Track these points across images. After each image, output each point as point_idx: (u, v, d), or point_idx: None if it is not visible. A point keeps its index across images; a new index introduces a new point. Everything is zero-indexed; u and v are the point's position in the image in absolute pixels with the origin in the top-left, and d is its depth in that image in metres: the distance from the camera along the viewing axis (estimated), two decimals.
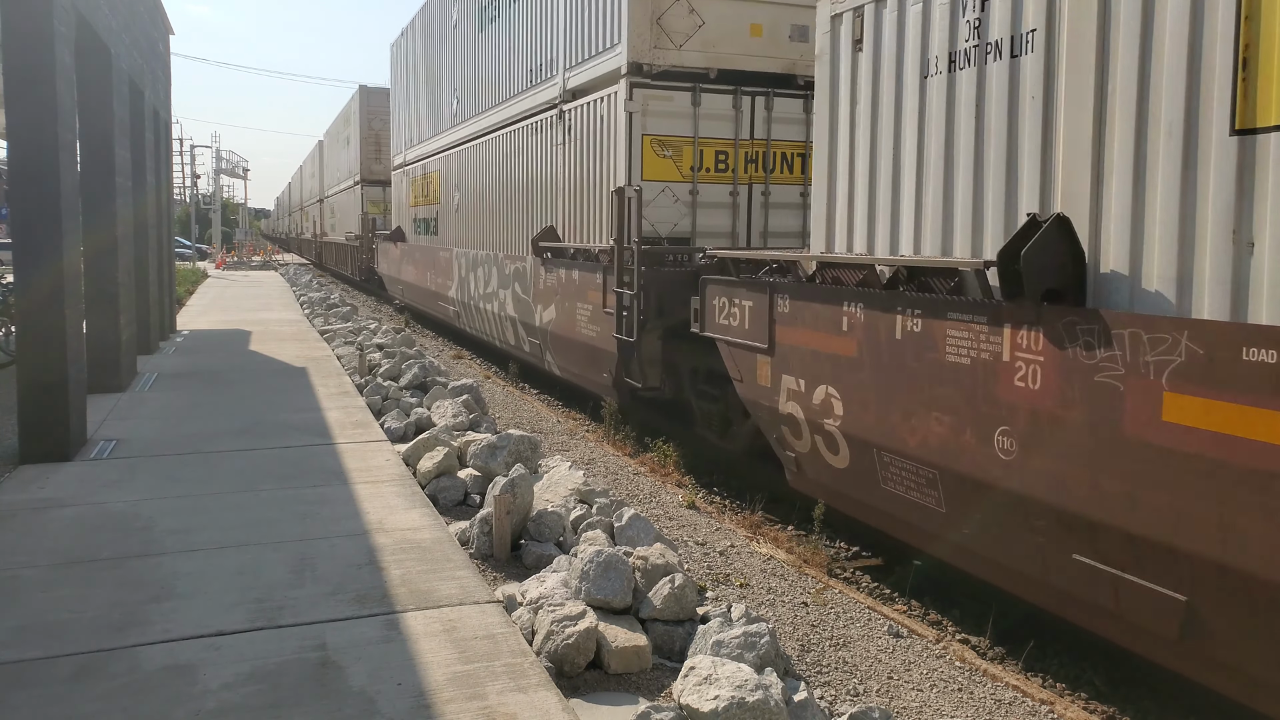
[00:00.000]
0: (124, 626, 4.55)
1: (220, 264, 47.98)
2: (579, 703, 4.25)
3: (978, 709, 4.76)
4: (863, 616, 5.78)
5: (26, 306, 7.65)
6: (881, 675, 5.06)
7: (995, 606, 6.07)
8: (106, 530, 5.99)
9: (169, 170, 18.08)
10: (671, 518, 7.60)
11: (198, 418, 9.54)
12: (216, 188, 62.76)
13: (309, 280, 35.76)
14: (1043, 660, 5.54)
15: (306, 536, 5.93)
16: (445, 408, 9.95)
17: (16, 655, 4.24)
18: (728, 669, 4.08)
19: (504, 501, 6.11)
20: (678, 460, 9.20)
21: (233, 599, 4.91)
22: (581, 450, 9.94)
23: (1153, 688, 5.22)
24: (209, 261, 51.96)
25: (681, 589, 5.02)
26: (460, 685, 4.05)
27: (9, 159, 7.57)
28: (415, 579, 5.26)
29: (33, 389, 7.69)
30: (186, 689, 3.96)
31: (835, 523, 7.40)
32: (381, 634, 4.54)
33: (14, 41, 7.46)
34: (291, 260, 62.39)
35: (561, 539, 6.33)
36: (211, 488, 7.00)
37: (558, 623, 4.61)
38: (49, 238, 7.62)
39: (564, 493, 7.01)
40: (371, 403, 10.61)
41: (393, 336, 16.82)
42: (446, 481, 7.43)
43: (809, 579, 6.39)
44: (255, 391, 11.11)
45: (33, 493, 6.82)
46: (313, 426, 9.18)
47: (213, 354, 14.46)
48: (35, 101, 7.52)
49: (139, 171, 13.26)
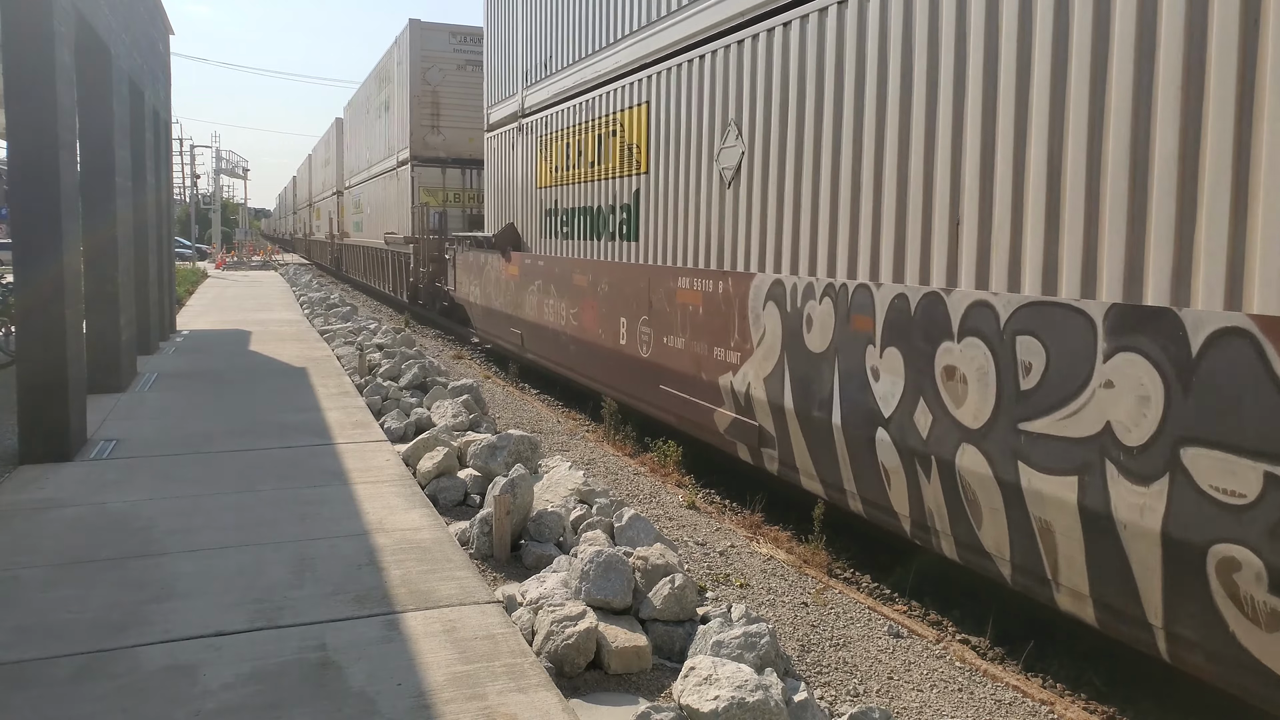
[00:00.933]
0: (124, 626, 4.55)
1: (220, 264, 47.98)
2: (579, 703, 4.25)
3: (978, 709, 4.76)
4: (863, 617, 5.78)
5: (26, 306, 7.65)
6: (881, 675, 5.06)
7: (995, 607, 6.07)
8: (106, 530, 5.99)
9: (169, 170, 18.08)
10: (671, 518, 7.60)
11: (198, 418, 9.54)
12: (216, 188, 62.76)
13: (309, 280, 35.75)
14: (1043, 660, 5.54)
15: (306, 537, 5.93)
16: (445, 408, 9.95)
17: (16, 655, 4.24)
18: (728, 669, 4.08)
19: (504, 502, 6.11)
20: (678, 460, 9.20)
21: (233, 599, 4.91)
22: (581, 450, 9.94)
23: (1153, 688, 5.22)
24: (209, 262, 51.97)
25: (681, 589, 5.02)
26: (460, 685, 4.05)
27: (9, 159, 7.57)
28: (415, 579, 5.26)
29: (33, 389, 7.68)
30: (186, 689, 3.96)
31: (836, 523, 7.40)
32: (381, 634, 4.53)
33: (14, 41, 7.46)
34: (292, 260, 62.35)
35: (561, 539, 6.33)
36: (211, 488, 7.00)
37: (558, 623, 4.61)
38: (49, 238, 7.62)
39: (564, 493, 7.01)
40: (371, 403, 10.61)
41: (393, 337, 16.81)
42: (446, 482, 7.43)
43: (809, 579, 6.39)
44: (255, 392, 11.11)
45: (32, 493, 6.82)
46: (313, 427, 9.17)
47: (213, 354, 14.46)
48: (35, 101, 7.52)
49: (139, 171, 13.26)
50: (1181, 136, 4.33)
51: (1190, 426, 4.15)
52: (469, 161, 23.52)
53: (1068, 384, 4.75)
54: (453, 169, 23.80)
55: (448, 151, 23.75)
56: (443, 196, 23.61)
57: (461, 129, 23.57)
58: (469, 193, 23.70)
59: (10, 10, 7.43)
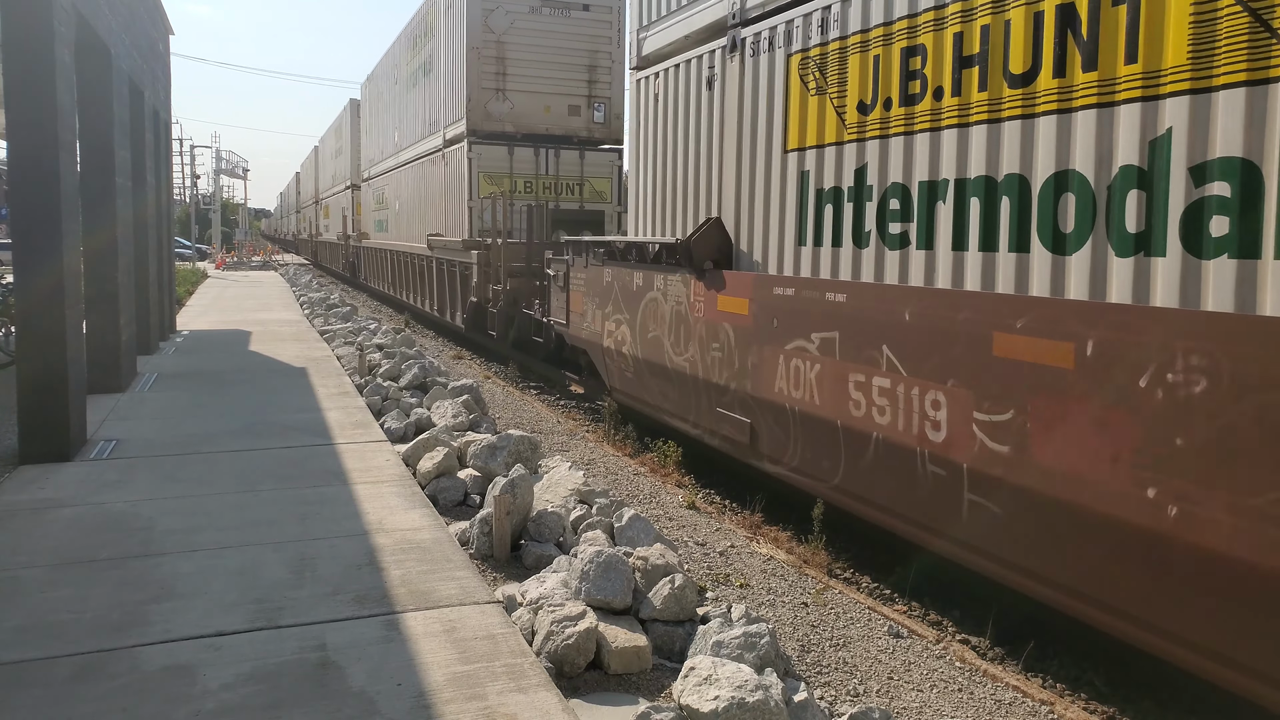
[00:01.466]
0: (124, 627, 4.55)
1: (220, 264, 48.00)
2: (579, 703, 4.25)
3: (978, 709, 4.76)
4: (863, 617, 5.78)
5: (26, 306, 7.65)
6: (881, 675, 5.06)
7: (995, 607, 6.06)
8: (106, 530, 5.99)
9: (169, 170, 18.08)
10: (671, 518, 7.60)
11: (198, 418, 9.54)
12: (216, 188, 62.75)
13: (309, 281, 35.74)
14: (1043, 660, 5.54)
15: (306, 537, 5.93)
16: (445, 408, 9.95)
17: (16, 655, 4.24)
18: (728, 669, 4.08)
19: (504, 502, 6.11)
20: (678, 460, 9.20)
21: (233, 599, 4.91)
22: (581, 450, 9.94)
23: (1153, 688, 5.22)
24: (209, 262, 51.97)
25: (681, 589, 5.02)
26: (460, 686, 4.05)
27: (9, 159, 7.57)
28: (415, 579, 5.25)
29: (33, 389, 7.68)
30: (186, 689, 3.95)
31: (836, 523, 7.39)
32: (381, 634, 4.53)
33: (14, 41, 7.46)
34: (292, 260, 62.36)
35: (561, 539, 6.33)
36: (211, 488, 7.00)
37: (558, 623, 4.61)
38: (49, 238, 7.62)
39: (564, 493, 7.01)
40: (371, 403, 10.61)
41: (392, 337, 16.81)
42: (446, 482, 7.43)
43: (809, 579, 6.39)
44: (255, 392, 11.10)
45: (32, 493, 6.82)
46: (313, 427, 9.17)
47: (213, 354, 14.46)
48: (35, 101, 7.52)
49: (139, 171, 13.26)
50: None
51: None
52: (545, 139, 17.98)
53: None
54: (523, 148, 17.78)
55: (516, 125, 17.75)
56: (509, 185, 17.56)
57: (536, 94, 17.79)
58: (544, 180, 17.84)
59: (10, 10, 7.43)
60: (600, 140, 18.54)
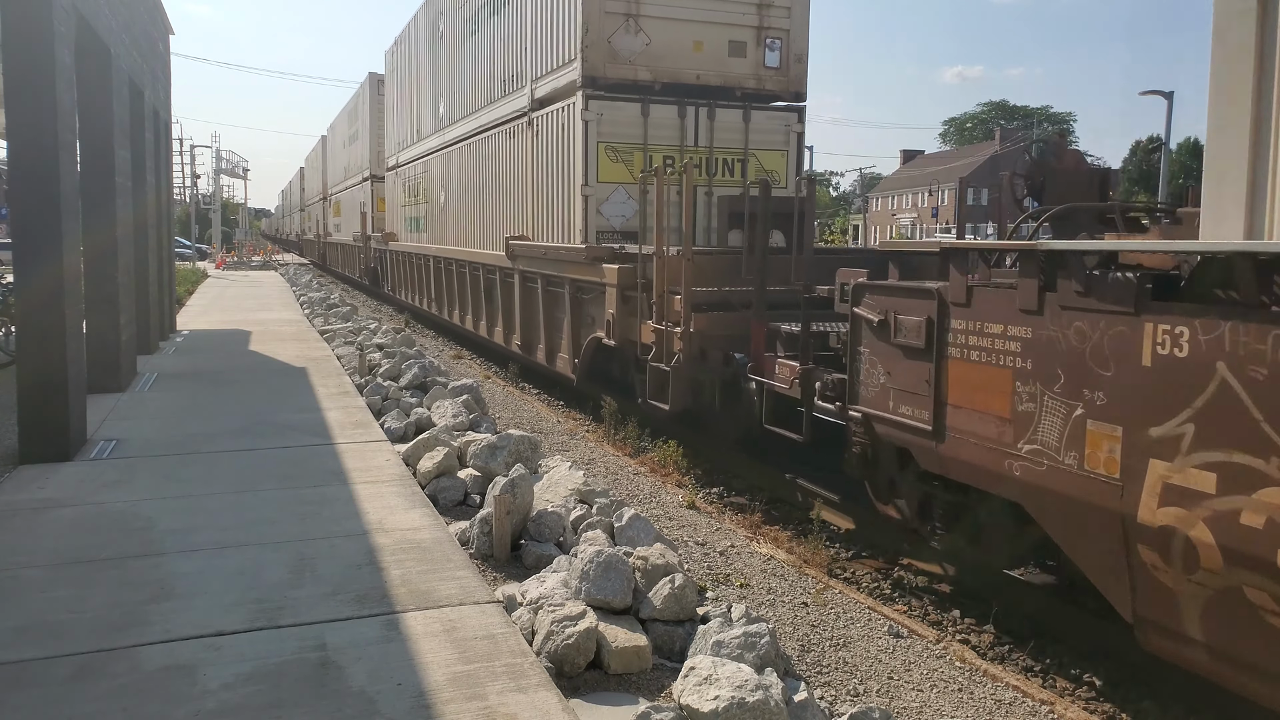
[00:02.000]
0: (124, 626, 4.55)
1: (220, 264, 47.99)
2: (579, 703, 4.25)
3: (978, 709, 4.76)
4: (863, 617, 5.78)
5: (26, 306, 7.65)
6: (882, 675, 5.06)
7: (995, 607, 6.07)
8: (106, 530, 5.99)
9: (169, 170, 18.09)
10: (671, 518, 7.60)
11: (198, 418, 9.53)
12: (216, 188, 62.76)
13: (309, 280, 35.74)
14: (1043, 660, 5.54)
15: (306, 536, 5.93)
16: (445, 408, 9.95)
17: (16, 655, 4.23)
18: (728, 669, 4.08)
19: (504, 501, 6.11)
20: (678, 460, 9.20)
21: (232, 599, 4.90)
22: (581, 450, 9.94)
23: (1153, 688, 5.22)
24: (209, 262, 51.96)
25: (681, 589, 5.02)
26: (460, 685, 4.05)
27: (9, 159, 7.58)
28: (415, 579, 5.25)
29: (33, 389, 7.68)
30: (186, 689, 3.95)
31: (835, 523, 7.39)
32: (381, 634, 4.53)
33: (14, 41, 7.46)
34: (291, 260, 62.38)
35: (561, 539, 6.33)
36: (211, 488, 7.00)
37: (558, 623, 4.61)
38: (49, 238, 7.62)
39: (564, 493, 7.01)
40: (371, 403, 10.61)
41: (393, 337, 16.82)
42: (446, 481, 7.43)
43: (809, 579, 6.39)
44: (255, 392, 11.10)
45: (33, 493, 6.82)
46: (313, 426, 9.17)
47: (213, 354, 14.46)
48: (35, 101, 7.51)
49: (139, 172, 13.26)
50: None
51: None
52: (695, 91, 12.02)
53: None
54: (662, 105, 11.89)
55: (654, 71, 11.73)
56: (642, 160, 11.67)
57: (682, 24, 11.88)
58: (692, 154, 11.93)
59: (10, 10, 7.43)
60: (773, 94, 12.36)
